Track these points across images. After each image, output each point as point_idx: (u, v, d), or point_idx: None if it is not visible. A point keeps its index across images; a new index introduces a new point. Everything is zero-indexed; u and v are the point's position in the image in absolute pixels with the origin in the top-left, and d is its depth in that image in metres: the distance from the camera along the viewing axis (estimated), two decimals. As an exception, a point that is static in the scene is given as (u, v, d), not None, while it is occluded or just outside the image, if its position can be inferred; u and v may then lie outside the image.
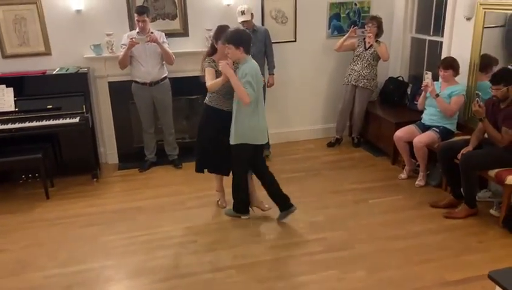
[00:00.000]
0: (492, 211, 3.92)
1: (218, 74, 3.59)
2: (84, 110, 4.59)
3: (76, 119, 4.50)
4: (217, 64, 3.59)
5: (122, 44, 4.62)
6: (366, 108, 5.45)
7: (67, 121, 4.50)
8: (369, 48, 5.23)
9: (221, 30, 3.64)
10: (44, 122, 4.43)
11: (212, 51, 3.72)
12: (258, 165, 3.82)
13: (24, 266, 3.36)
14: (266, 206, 4.00)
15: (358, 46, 5.32)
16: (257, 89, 3.46)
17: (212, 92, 3.68)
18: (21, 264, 3.38)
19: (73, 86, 4.64)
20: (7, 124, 4.34)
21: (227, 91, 3.61)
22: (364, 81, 5.29)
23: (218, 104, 3.70)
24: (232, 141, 3.63)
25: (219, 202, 4.17)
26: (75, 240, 3.69)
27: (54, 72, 4.69)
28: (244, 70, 3.43)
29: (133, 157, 5.18)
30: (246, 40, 3.47)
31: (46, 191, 4.42)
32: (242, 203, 3.90)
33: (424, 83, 4.40)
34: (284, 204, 3.85)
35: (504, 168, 3.65)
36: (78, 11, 4.78)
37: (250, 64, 3.48)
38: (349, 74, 5.38)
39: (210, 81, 3.58)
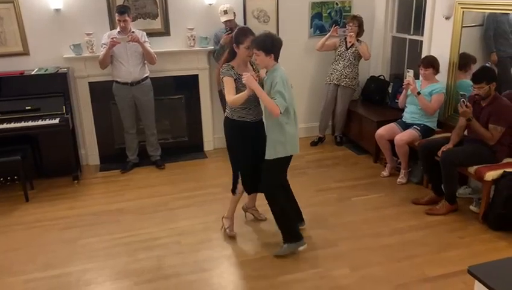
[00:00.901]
0: (472, 207, 3.98)
1: (236, 82, 3.24)
2: (64, 111, 4.52)
3: (56, 121, 4.42)
4: (236, 71, 3.26)
5: (103, 44, 4.56)
6: (348, 107, 5.49)
7: (47, 122, 4.42)
8: (350, 47, 5.28)
9: (243, 33, 3.24)
10: (23, 124, 4.35)
11: (231, 56, 3.32)
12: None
13: (3, 270, 3.29)
14: (261, 215, 3.86)
15: (339, 45, 5.36)
16: (289, 97, 3.11)
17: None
18: (0, 269, 3.30)
19: (52, 87, 4.56)
20: (-16, 126, 4.25)
21: (248, 102, 3.27)
22: (346, 80, 5.32)
23: (241, 116, 3.33)
24: (269, 155, 3.24)
25: (227, 230, 3.67)
26: (55, 243, 3.63)
27: (33, 73, 4.60)
28: (274, 79, 3.10)
29: (114, 158, 5.12)
30: (278, 46, 3.15)
31: (25, 193, 4.33)
32: (292, 229, 3.41)
33: (405, 81, 4.45)
34: (291, 236, 3.39)
35: (483, 164, 3.72)
36: (57, 10, 4.70)
37: (280, 72, 3.13)
38: (331, 74, 5.42)
39: (231, 95, 3.19)
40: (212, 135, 5.52)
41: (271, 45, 3.10)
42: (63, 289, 3.08)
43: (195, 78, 5.24)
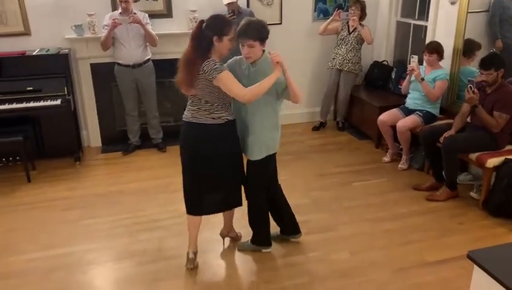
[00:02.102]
0: (472, 194, 3.99)
1: None
2: (66, 92, 4.50)
3: (58, 102, 4.42)
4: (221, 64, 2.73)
5: (105, 25, 4.52)
6: (350, 92, 5.47)
7: (49, 103, 4.41)
8: (352, 31, 5.23)
9: (226, 22, 2.74)
10: (24, 105, 4.35)
11: (205, 50, 2.70)
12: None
13: (5, 250, 3.32)
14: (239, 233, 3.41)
15: (342, 29, 5.31)
16: None
17: (221, 103, 2.77)
18: (2, 248, 3.33)
19: (54, 68, 4.53)
20: (-14, 106, 4.25)
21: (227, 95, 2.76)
22: (349, 65, 5.29)
23: (232, 115, 2.84)
24: (259, 155, 2.95)
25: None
26: (57, 224, 3.65)
27: (34, 53, 4.57)
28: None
29: (116, 140, 5.12)
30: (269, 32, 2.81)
31: (27, 174, 4.35)
32: (265, 233, 3.23)
33: (409, 67, 4.42)
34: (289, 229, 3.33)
35: (485, 151, 3.71)
36: (59, -10, 4.66)
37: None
38: (334, 58, 5.37)
39: (241, 88, 2.66)
40: (214, 119, 5.50)
41: (267, 33, 2.76)
42: (64, 268, 3.11)
43: (197, 61, 5.20)
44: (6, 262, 3.18)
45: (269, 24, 5.43)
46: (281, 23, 5.39)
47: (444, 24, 4.49)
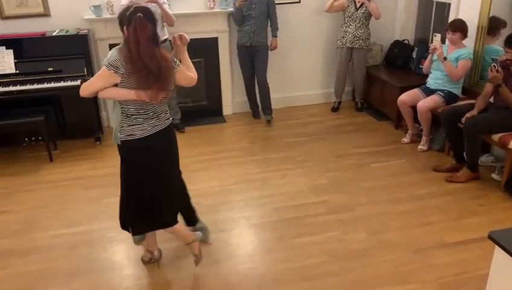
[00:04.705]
0: (494, 176, 3.92)
1: None
2: (86, 73, 4.55)
3: (78, 82, 4.45)
4: None
5: (122, 5, 4.48)
6: (366, 69, 5.38)
7: (69, 83, 4.46)
8: (360, 7, 5.11)
9: None
10: (45, 85, 4.41)
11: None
12: None
13: (29, 226, 3.42)
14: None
15: (348, 6, 5.19)
16: None
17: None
18: (26, 225, 3.43)
19: (73, 48, 4.57)
20: (9, 86, 4.32)
21: None
22: (360, 41, 5.20)
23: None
24: None
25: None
26: (79, 202, 3.73)
27: (54, 34, 4.62)
28: None
29: (135, 121, 5.16)
30: None
31: (49, 153, 4.44)
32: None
33: (432, 46, 4.32)
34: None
35: (508, 132, 3.63)
36: (77, -30, 4.66)
37: None
38: (343, 37, 5.26)
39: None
40: (232, 100, 5.50)
41: None
42: (86, 245, 3.20)
43: (214, 41, 5.18)
44: (32, 238, 3.29)
45: (287, 3, 5.46)
46: (299, 2, 5.30)
47: (469, 1, 4.35)
